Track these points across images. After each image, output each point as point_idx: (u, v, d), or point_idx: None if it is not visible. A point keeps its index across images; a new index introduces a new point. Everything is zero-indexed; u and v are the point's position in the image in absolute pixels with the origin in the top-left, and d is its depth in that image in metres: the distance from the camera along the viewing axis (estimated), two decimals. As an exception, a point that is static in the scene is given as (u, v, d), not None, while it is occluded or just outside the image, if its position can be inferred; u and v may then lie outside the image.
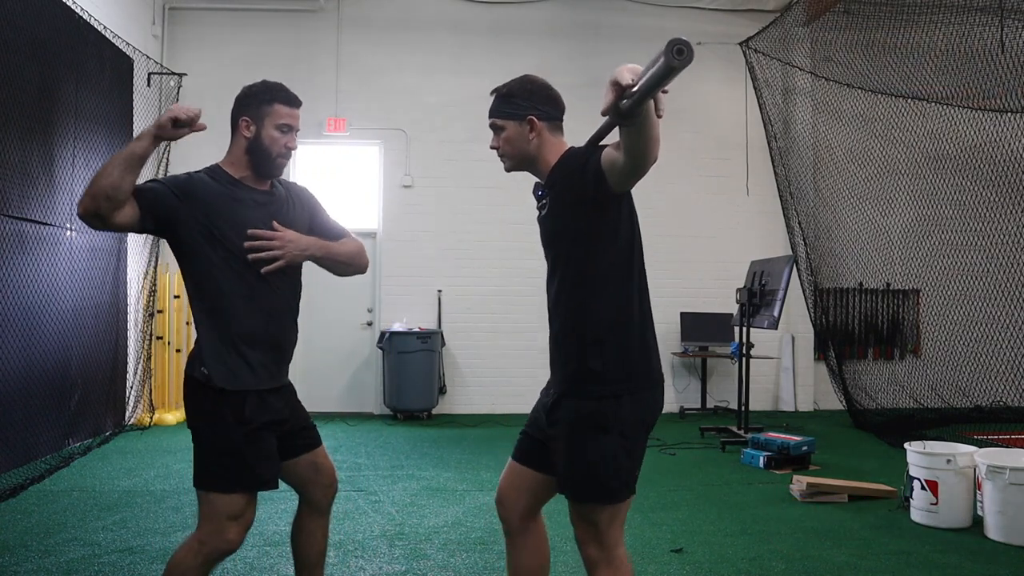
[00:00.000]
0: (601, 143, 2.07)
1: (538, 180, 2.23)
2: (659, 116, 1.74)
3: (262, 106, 2.34)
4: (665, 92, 1.65)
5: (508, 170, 2.25)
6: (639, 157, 1.81)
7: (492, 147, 2.23)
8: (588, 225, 2.04)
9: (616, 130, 1.88)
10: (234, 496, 2.23)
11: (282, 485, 2.47)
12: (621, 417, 2.04)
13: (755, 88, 7.90)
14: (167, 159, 7.75)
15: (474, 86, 8.44)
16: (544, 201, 2.18)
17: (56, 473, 5.21)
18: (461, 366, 8.33)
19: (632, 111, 1.68)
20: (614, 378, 2.05)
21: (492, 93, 2.21)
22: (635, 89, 1.63)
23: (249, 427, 2.26)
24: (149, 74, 7.54)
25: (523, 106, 2.14)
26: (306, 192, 2.59)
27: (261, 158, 2.35)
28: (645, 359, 2.10)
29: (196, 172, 2.37)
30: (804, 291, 7.79)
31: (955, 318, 7.10)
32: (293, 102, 2.38)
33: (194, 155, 7.61)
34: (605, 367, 2.05)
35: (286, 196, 2.47)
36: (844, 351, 8.16)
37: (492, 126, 2.19)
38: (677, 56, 1.42)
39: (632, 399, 2.06)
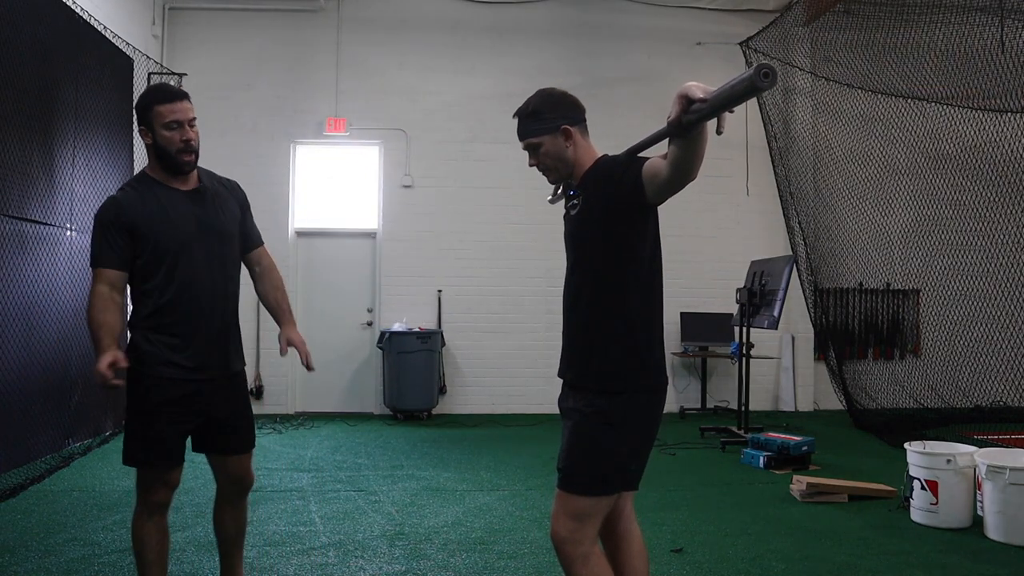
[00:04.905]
0: (640, 154, 2.15)
1: (570, 182, 2.29)
2: (720, 133, 1.84)
3: (147, 113, 2.46)
4: (731, 112, 1.73)
5: (553, 182, 2.33)
6: (683, 171, 1.91)
7: (531, 165, 2.29)
8: (617, 230, 2.12)
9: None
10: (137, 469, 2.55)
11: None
12: (630, 414, 2.12)
13: (755, 88, 7.88)
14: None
15: (474, 86, 8.45)
16: (575, 201, 2.24)
17: (56, 473, 5.21)
18: (461, 366, 8.33)
19: (696, 124, 1.77)
20: (628, 377, 2.13)
21: (515, 116, 2.27)
22: (706, 103, 1.71)
23: (144, 407, 2.51)
24: (149, 74, 7.54)
25: (552, 118, 2.21)
26: (238, 189, 2.77)
27: (165, 158, 2.49)
28: (657, 360, 2.18)
29: (126, 185, 2.58)
30: (804, 291, 7.79)
31: (955, 318, 7.10)
32: (173, 97, 2.46)
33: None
34: (620, 365, 2.13)
35: (214, 192, 2.63)
36: (844, 351, 8.16)
37: (527, 147, 2.26)
38: (763, 78, 1.51)
39: (642, 398, 2.15)
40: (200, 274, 2.53)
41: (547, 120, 2.21)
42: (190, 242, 2.51)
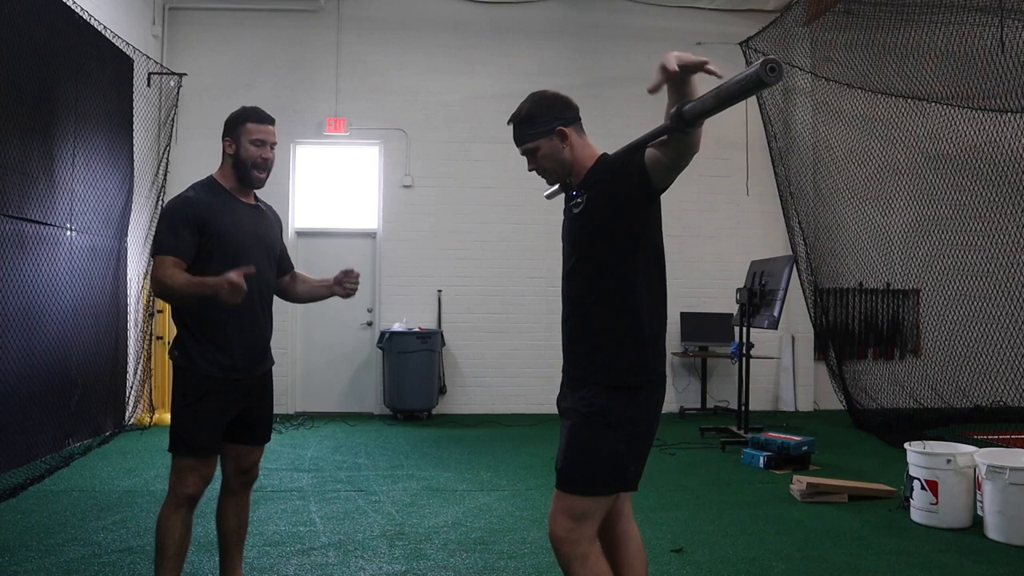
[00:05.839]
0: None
1: (571, 181, 2.29)
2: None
3: (237, 127, 2.74)
4: (719, 76, 1.75)
5: (551, 183, 2.36)
6: (686, 146, 1.92)
7: (530, 170, 2.31)
8: (622, 223, 2.13)
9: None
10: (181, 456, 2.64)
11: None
12: (629, 413, 2.11)
13: (755, 88, 7.88)
14: (167, 159, 7.75)
15: (474, 86, 8.45)
16: (578, 200, 2.23)
17: (56, 473, 5.20)
18: (461, 366, 8.33)
19: (699, 119, 1.76)
20: (632, 371, 2.13)
21: (510, 123, 2.29)
22: (711, 99, 1.70)
23: (189, 401, 2.63)
24: (149, 74, 7.54)
25: (547, 121, 2.22)
26: (278, 216, 3.03)
27: (242, 170, 2.74)
28: (660, 354, 2.19)
29: (196, 187, 2.75)
30: (804, 291, 7.79)
31: (955, 318, 7.09)
32: (263, 120, 2.77)
33: (191, 159, 7.62)
34: (626, 360, 2.13)
35: (267, 212, 2.93)
36: (844, 351, 8.15)
37: (524, 152, 2.28)
38: (770, 73, 1.51)
39: (644, 393, 2.15)
40: (251, 281, 2.65)
41: (541, 123, 2.22)
42: (245, 248, 2.69)
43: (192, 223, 2.60)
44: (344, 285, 2.97)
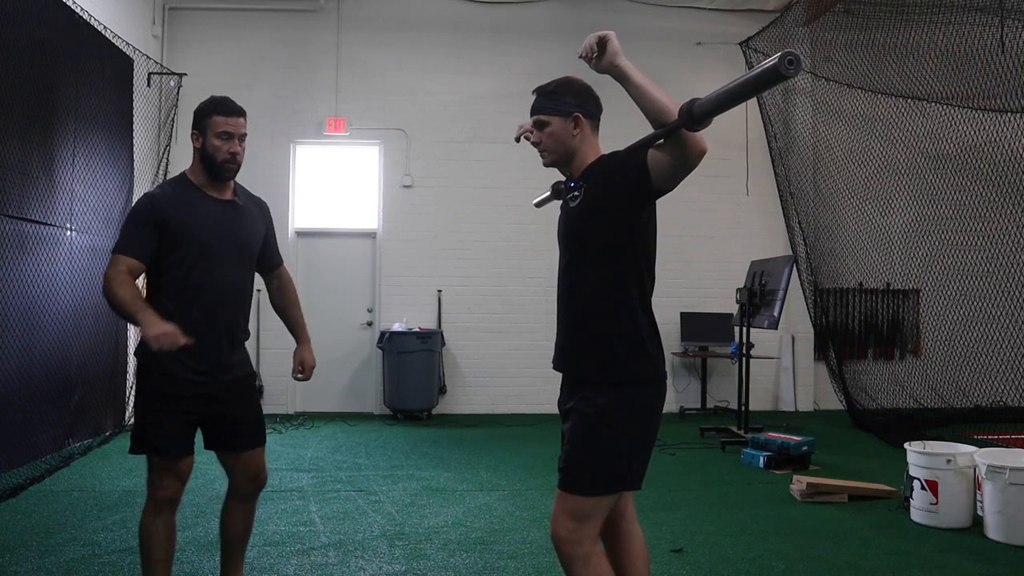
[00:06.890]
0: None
1: (569, 174, 2.30)
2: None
3: (203, 120, 2.63)
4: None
5: (547, 165, 2.34)
6: (684, 148, 1.90)
7: (534, 142, 2.31)
8: (618, 221, 2.13)
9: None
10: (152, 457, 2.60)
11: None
12: (631, 412, 2.11)
13: (755, 88, 7.89)
14: (167, 159, 7.75)
15: (474, 86, 8.45)
16: (576, 193, 2.24)
17: (56, 473, 5.20)
18: (461, 366, 8.33)
19: (710, 116, 1.74)
20: (632, 368, 2.12)
21: (535, 92, 2.31)
22: (726, 93, 1.68)
23: (153, 399, 2.57)
24: (149, 74, 7.54)
25: (570, 103, 2.25)
26: (267, 208, 2.93)
27: (210, 165, 2.63)
28: (659, 351, 2.18)
29: (164, 183, 2.71)
30: (804, 291, 7.79)
31: (955, 318, 7.10)
32: (231, 112, 2.63)
33: (191, 159, 7.59)
34: (626, 357, 2.12)
35: (245, 207, 2.77)
36: (844, 351, 8.16)
37: (537, 122, 2.28)
38: (788, 66, 1.49)
39: (648, 389, 2.15)
40: (216, 280, 2.60)
41: (563, 103, 2.24)
42: (212, 248, 2.59)
43: (153, 222, 2.53)
44: (297, 372, 3.00)
